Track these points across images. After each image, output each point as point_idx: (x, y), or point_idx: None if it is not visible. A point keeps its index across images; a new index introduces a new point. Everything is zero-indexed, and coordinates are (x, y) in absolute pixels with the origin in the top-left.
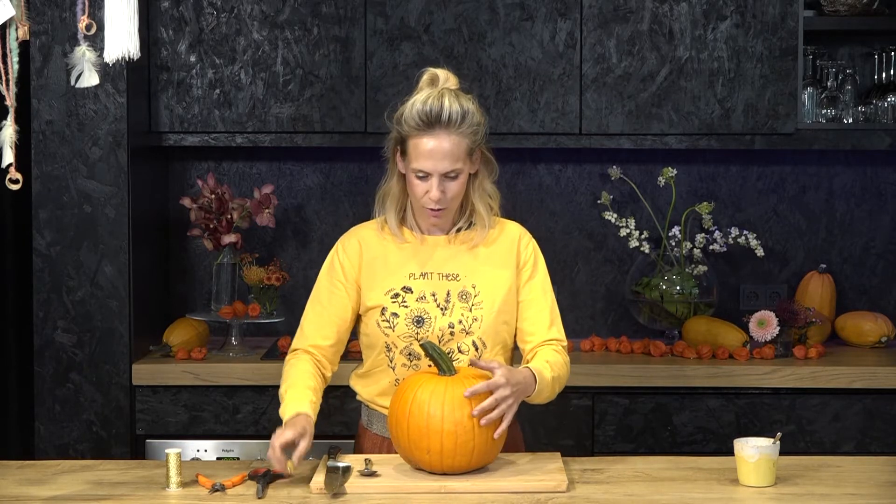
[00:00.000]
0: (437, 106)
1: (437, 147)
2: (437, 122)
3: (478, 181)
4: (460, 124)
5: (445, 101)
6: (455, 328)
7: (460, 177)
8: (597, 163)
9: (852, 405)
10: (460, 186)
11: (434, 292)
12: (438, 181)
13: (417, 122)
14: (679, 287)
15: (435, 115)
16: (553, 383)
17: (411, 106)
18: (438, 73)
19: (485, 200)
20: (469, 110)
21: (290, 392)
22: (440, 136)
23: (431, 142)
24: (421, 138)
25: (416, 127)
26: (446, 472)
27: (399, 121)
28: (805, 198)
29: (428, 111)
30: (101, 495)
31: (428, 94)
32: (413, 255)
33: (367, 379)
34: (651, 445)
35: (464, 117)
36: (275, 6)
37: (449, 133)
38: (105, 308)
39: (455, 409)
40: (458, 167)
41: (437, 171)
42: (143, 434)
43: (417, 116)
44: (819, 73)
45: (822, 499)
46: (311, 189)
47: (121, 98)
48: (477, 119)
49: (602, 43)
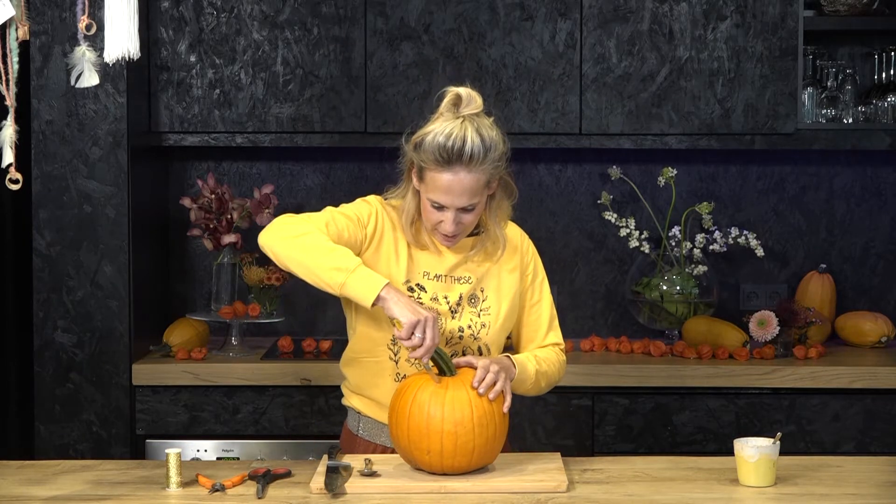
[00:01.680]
0: (460, 144)
1: (455, 183)
2: (459, 159)
3: (495, 202)
4: (482, 161)
5: (469, 136)
6: (465, 332)
7: (477, 208)
8: (597, 163)
9: (852, 405)
10: (476, 217)
11: (446, 295)
12: (454, 214)
13: (437, 156)
14: (679, 287)
15: (457, 153)
16: (537, 376)
17: (432, 137)
18: (461, 93)
19: (501, 224)
20: (492, 145)
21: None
22: (459, 172)
23: (450, 178)
24: (439, 172)
25: (436, 161)
26: (446, 472)
27: (418, 148)
28: (805, 198)
29: (450, 148)
30: (101, 495)
31: (451, 129)
32: (429, 255)
33: (360, 368)
34: (651, 445)
35: (486, 154)
36: (275, 6)
37: (469, 170)
38: (105, 308)
39: (455, 409)
40: (475, 202)
41: (454, 206)
42: (143, 434)
43: (438, 152)
44: (819, 73)
45: (822, 499)
46: (311, 189)
47: (121, 98)
48: (499, 152)
49: (602, 43)
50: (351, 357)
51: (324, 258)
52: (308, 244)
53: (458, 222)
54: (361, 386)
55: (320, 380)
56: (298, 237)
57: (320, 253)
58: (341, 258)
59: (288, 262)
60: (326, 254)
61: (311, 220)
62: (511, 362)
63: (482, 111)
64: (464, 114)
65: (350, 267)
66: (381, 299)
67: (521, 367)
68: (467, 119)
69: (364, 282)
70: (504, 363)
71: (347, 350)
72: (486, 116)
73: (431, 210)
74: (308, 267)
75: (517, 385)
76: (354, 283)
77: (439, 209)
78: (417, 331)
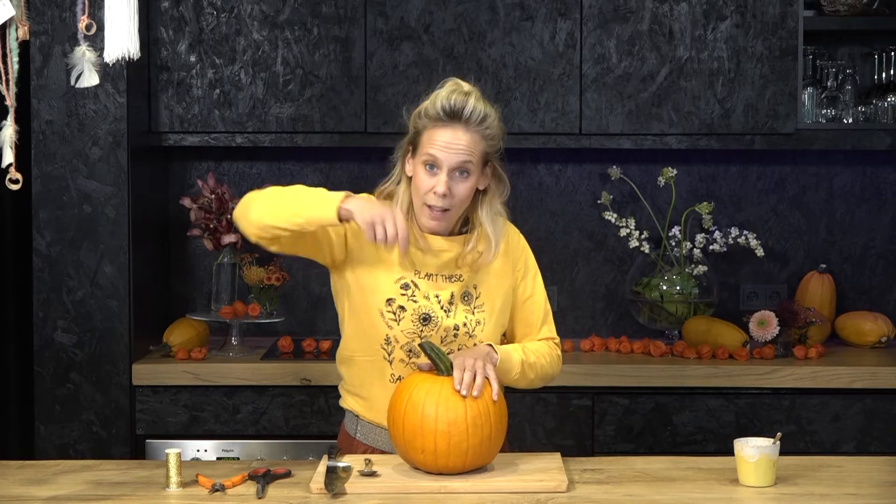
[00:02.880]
0: (462, 101)
1: (452, 139)
2: (459, 116)
3: (487, 198)
4: (480, 123)
5: (471, 98)
6: (459, 330)
7: (469, 179)
8: (597, 163)
9: (852, 405)
10: (467, 191)
11: (438, 294)
12: (447, 176)
13: (439, 113)
14: (679, 287)
15: (458, 108)
16: (524, 366)
17: (434, 98)
18: (462, 83)
19: (494, 219)
20: (490, 113)
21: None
22: (458, 129)
23: (448, 133)
24: (438, 129)
25: (436, 118)
26: (441, 471)
27: (419, 115)
28: (805, 198)
29: (452, 104)
30: (101, 495)
31: (453, 89)
32: (420, 253)
33: (355, 367)
34: (651, 445)
35: (485, 118)
36: (275, 6)
37: (467, 129)
38: (105, 308)
39: (449, 409)
40: (469, 162)
41: (449, 162)
42: (143, 434)
43: (440, 107)
44: (819, 73)
45: (822, 499)
46: None
47: (121, 98)
48: (497, 126)
49: (602, 43)
50: (346, 355)
51: (283, 198)
52: (268, 196)
53: (450, 189)
54: (357, 385)
55: (320, 380)
56: (259, 196)
57: (279, 196)
58: (298, 191)
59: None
60: (284, 194)
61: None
62: (492, 349)
63: None
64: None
65: (308, 193)
66: (345, 211)
67: (505, 356)
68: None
69: (325, 200)
70: (481, 351)
71: (341, 348)
72: None
73: (424, 176)
74: (273, 213)
75: (502, 374)
76: (316, 205)
77: (432, 171)
78: (378, 228)
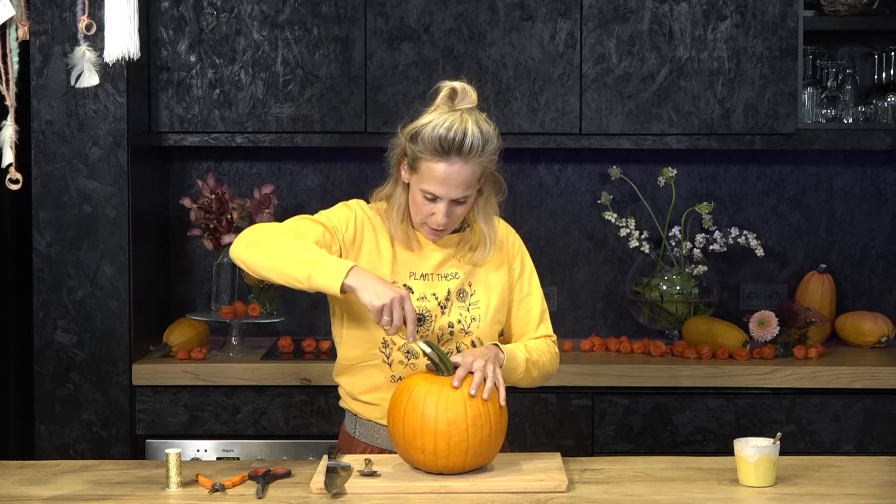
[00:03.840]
0: (461, 136)
1: (451, 174)
2: (458, 151)
3: (483, 198)
4: (480, 154)
5: (469, 128)
6: (455, 328)
7: (468, 201)
8: (597, 163)
9: (852, 405)
10: (466, 210)
11: (434, 292)
12: (446, 206)
13: (436, 147)
14: (679, 287)
15: (457, 144)
16: (528, 365)
17: (432, 128)
18: (457, 87)
19: (489, 220)
20: (489, 138)
21: (324, 254)
22: (456, 164)
23: (447, 168)
24: (436, 163)
25: (433, 151)
26: (441, 471)
27: (414, 138)
28: (805, 198)
29: (451, 139)
30: (101, 495)
31: (452, 120)
32: (413, 255)
33: (354, 376)
34: (651, 445)
35: (484, 146)
36: (275, 6)
37: (466, 162)
38: (105, 308)
39: (449, 409)
40: (468, 194)
41: (448, 196)
42: (143, 434)
43: (438, 142)
44: (819, 73)
45: (822, 499)
46: (311, 189)
47: (121, 98)
48: (494, 146)
49: (602, 43)
50: (344, 366)
51: (288, 254)
52: (272, 245)
53: (450, 214)
54: (356, 393)
55: (320, 380)
56: (262, 241)
57: (284, 250)
58: (305, 250)
59: (258, 269)
60: (290, 250)
61: (278, 227)
62: (498, 349)
63: (476, 105)
64: (460, 107)
65: (314, 258)
66: (349, 287)
67: (510, 356)
68: (466, 112)
69: (329, 269)
70: (490, 352)
71: (339, 359)
72: (479, 111)
73: (423, 202)
74: (275, 267)
75: (507, 374)
76: (320, 272)
77: (432, 200)
78: (385, 314)
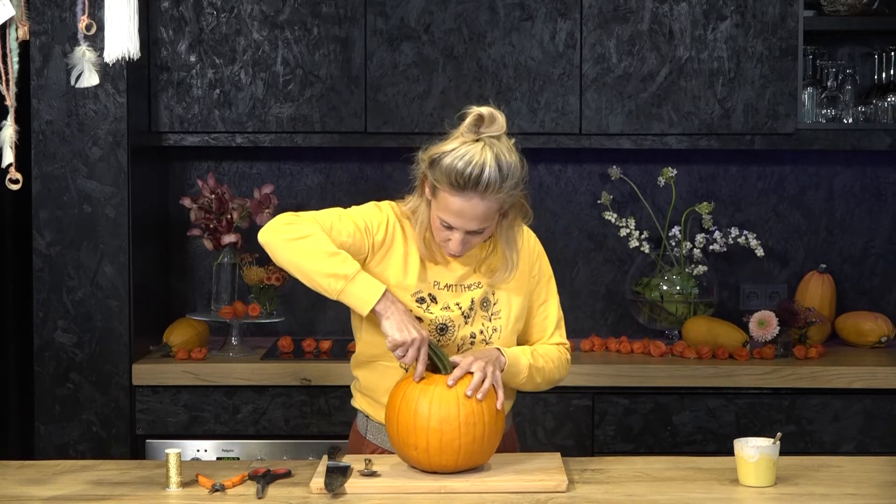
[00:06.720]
0: (478, 172)
1: (467, 209)
2: (474, 187)
3: (507, 221)
4: (497, 190)
5: (488, 164)
6: (476, 338)
7: (486, 231)
8: (597, 163)
9: (852, 405)
10: (485, 238)
11: (458, 302)
12: (462, 236)
13: (453, 181)
14: (679, 287)
15: (473, 180)
16: (531, 370)
17: (450, 160)
18: (483, 114)
19: (512, 244)
20: (510, 173)
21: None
22: (473, 199)
23: (462, 203)
24: (452, 196)
25: (450, 184)
26: (434, 469)
27: (433, 166)
28: (805, 198)
29: (467, 175)
30: (101, 495)
31: (471, 154)
32: (437, 266)
33: (372, 371)
34: (651, 445)
35: (503, 182)
36: (275, 6)
37: (483, 198)
38: (105, 308)
39: (441, 407)
40: (485, 226)
41: (464, 228)
42: (143, 434)
43: (454, 176)
44: (819, 73)
45: (822, 499)
46: (311, 189)
47: (121, 98)
48: (516, 179)
49: (602, 43)
50: (362, 360)
51: (322, 263)
52: (307, 247)
53: (465, 243)
54: (371, 388)
55: (320, 380)
56: (298, 239)
57: (319, 257)
58: (340, 264)
59: (286, 265)
60: (325, 259)
61: (314, 222)
62: (500, 352)
63: (503, 132)
64: (484, 135)
65: (349, 274)
66: (376, 312)
67: (513, 360)
68: (487, 143)
69: (361, 290)
70: (491, 354)
71: (357, 353)
72: (506, 138)
73: (440, 227)
74: (306, 271)
75: (509, 378)
76: (352, 290)
77: (448, 228)
78: (401, 350)
